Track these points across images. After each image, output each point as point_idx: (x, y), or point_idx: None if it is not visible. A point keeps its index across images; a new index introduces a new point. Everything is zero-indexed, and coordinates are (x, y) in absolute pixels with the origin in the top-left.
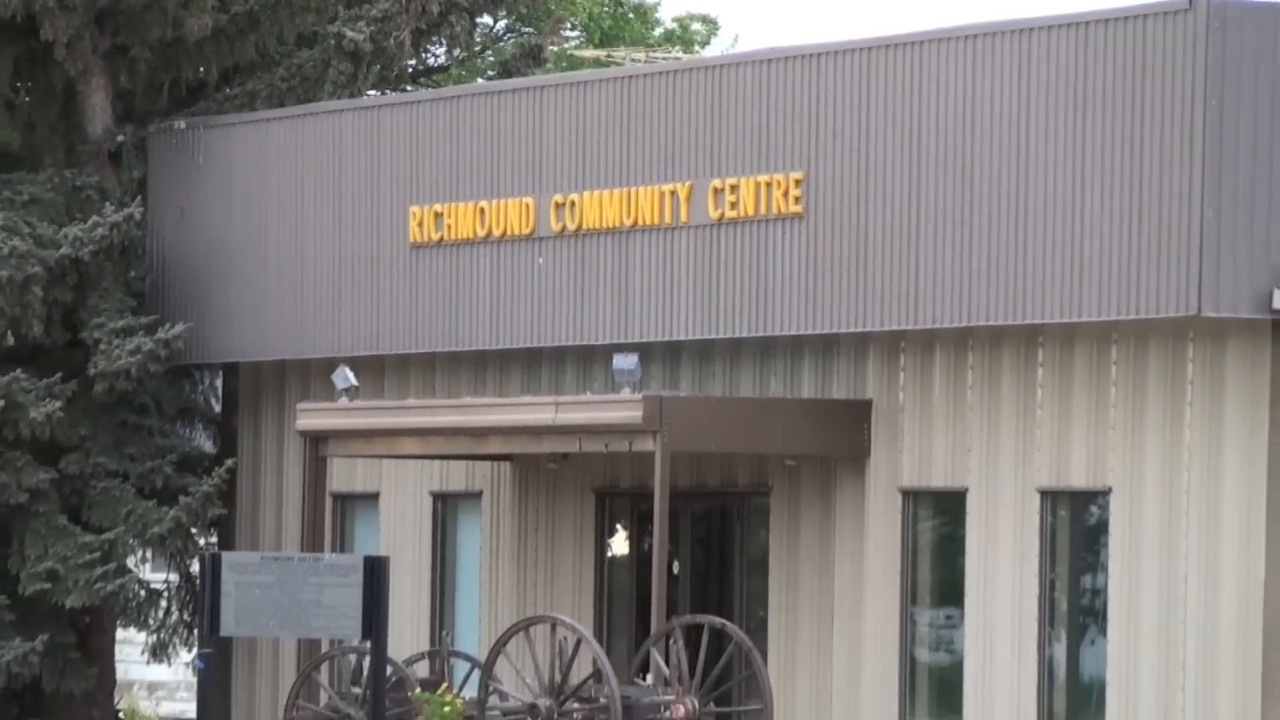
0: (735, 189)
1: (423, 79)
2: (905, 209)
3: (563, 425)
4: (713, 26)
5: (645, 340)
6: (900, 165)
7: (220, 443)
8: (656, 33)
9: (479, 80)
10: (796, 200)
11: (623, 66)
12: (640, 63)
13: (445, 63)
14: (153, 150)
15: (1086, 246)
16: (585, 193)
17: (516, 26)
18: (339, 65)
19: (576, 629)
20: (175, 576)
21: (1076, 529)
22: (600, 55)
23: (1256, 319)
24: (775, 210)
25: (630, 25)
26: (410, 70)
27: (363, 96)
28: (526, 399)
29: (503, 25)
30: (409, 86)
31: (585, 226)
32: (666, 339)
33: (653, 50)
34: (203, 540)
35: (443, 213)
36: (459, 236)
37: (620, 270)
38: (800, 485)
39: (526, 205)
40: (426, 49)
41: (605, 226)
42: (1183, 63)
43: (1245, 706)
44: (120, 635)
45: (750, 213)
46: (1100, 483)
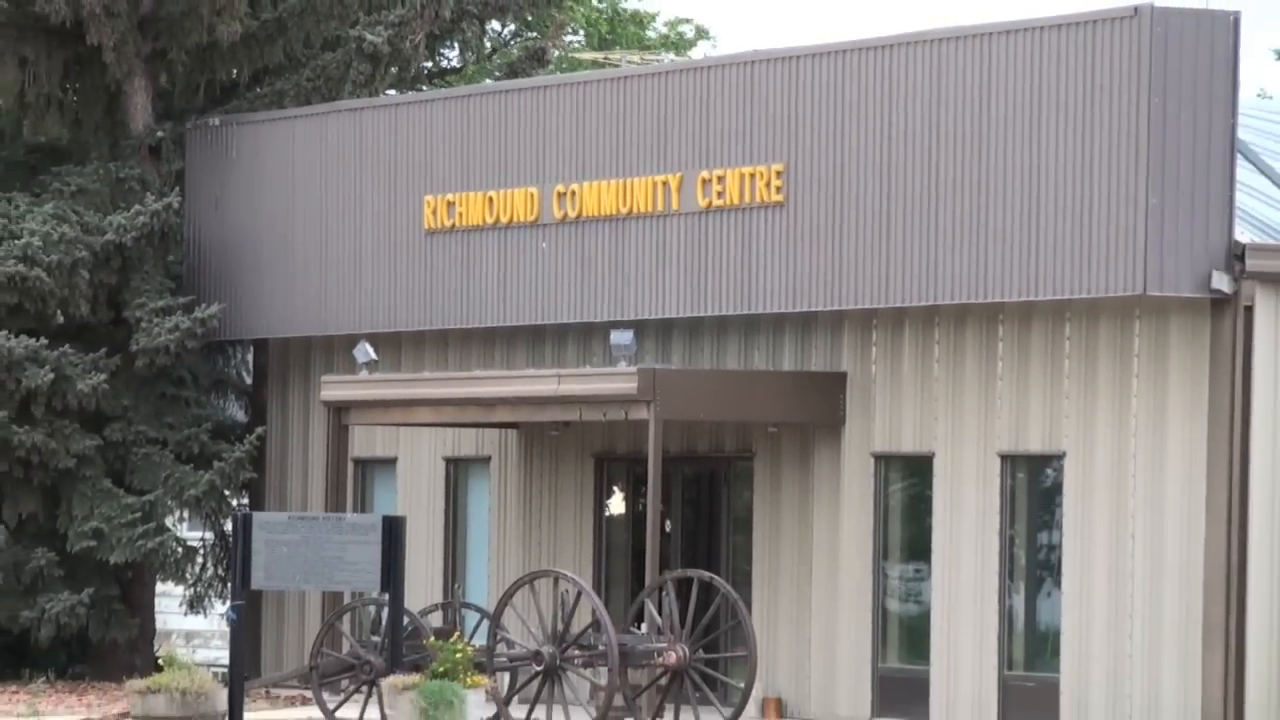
0: (722, 180)
1: (436, 79)
2: (877, 198)
3: (564, 396)
4: (702, 31)
5: (640, 318)
6: (872, 158)
7: (251, 412)
8: (651, 35)
9: (488, 81)
10: (778, 190)
11: (619, 68)
12: (635, 64)
13: (457, 64)
14: (190, 145)
15: (1042, 232)
16: (585, 183)
17: (522, 31)
18: (359, 67)
19: (577, 582)
20: (210, 535)
21: (1034, 490)
22: (599, 57)
23: (1197, 298)
24: (758, 199)
25: (627, 29)
26: (425, 71)
27: (381, 95)
28: (531, 372)
29: (510, 30)
30: (424, 86)
31: (585, 214)
32: (659, 317)
33: (647, 53)
34: (235, 501)
35: (455, 201)
36: (470, 223)
37: (617, 254)
38: (781, 450)
39: (531, 195)
40: (440, 52)
41: (603, 214)
42: (1129, 65)
43: (1187, 652)
44: (160, 589)
45: (735, 201)
46: (1055, 448)
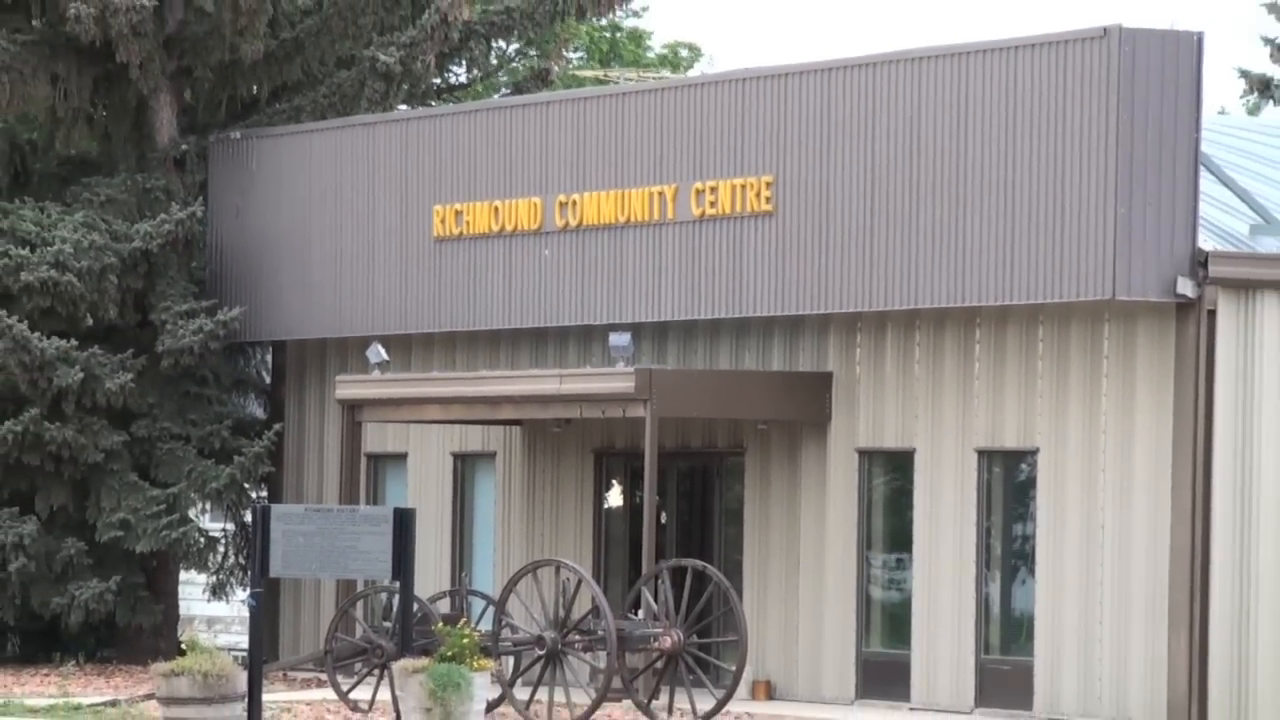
0: (714, 190)
1: (445, 96)
2: (861, 208)
3: (566, 394)
4: (696, 51)
5: (637, 321)
6: (857, 170)
7: (270, 410)
8: (649, 55)
9: (494, 96)
10: (767, 200)
11: (618, 85)
12: (633, 81)
13: (465, 81)
14: (212, 157)
15: (1017, 240)
16: (585, 194)
17: (526, 50)
18: (373, 84)
19: (578, 571)
20: (231, 526)
21: (1009, 484)
22: (599, 75)
23: (1163, 302)
24: (749, 209)
25: (625, 48)
26: (434, 88)
27: (393, 111)
28: (534, 372)
29: (514, 49)
30: (433, 102)
31: (585, 223)
32: (655, 320)
33: (645, 70)
34: (254, 494)
35: (462, 211)
36: (476, 231)
37: (615, 261)
38: (771, 446)
39: (535, 205)
40: (449, 70)
41: (603, 223)
42: (1098, 83)
43: (1153, 635)
44: (183, 576)
45: (727, 211)
46: (1029, 444)
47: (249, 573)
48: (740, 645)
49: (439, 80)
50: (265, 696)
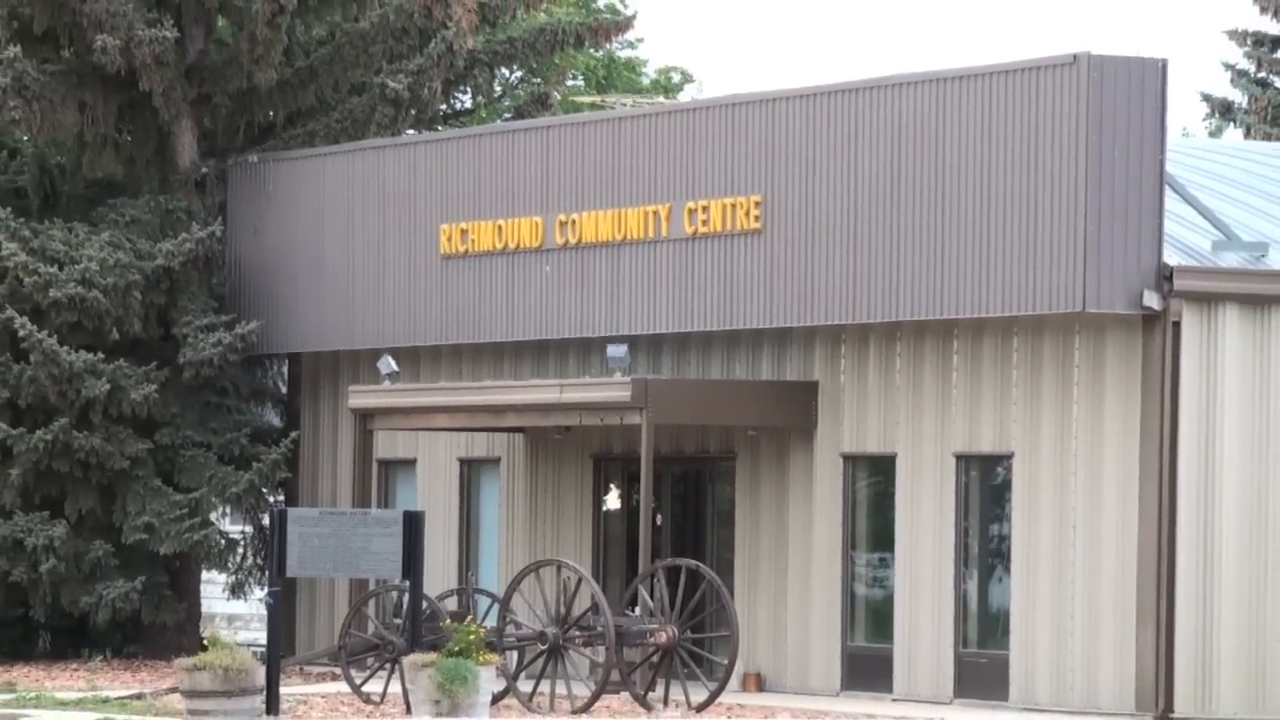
0: (706, 210)
1: (451, 121)
2: (845, 226)
3: (566, 403)
4: (688, 76)
5: (633, 333)
6: (841, 190)
7: (286, 418)
8: (644, 80)
9: (497, 121)
10: (756, 219)
11: (614, 110)
12: (629, 107)
13: (470, 107)
14: (231, 179)
15: (992, 255)
16: (584, 213)
17: (528, 77)
18: (382, 110)
19: (578, 570)
20: (249, 528)
21: (985, 486)
22: (596, 100)
23: (1130, 314)
24: (739, 227)
25: (621, 75)
26: (441, 113)
27: (402, 135)
28: (536, 381)
29: (517, 76)
30: (440, 127)
31: (584, 241)
32: (650, 332)
33: (639, 96)
34: (272, 498)
35: (467, 229)
36: (481, 249)
37: (613, 276)
38: (760, 451)
39: (536, 223)
40: (454, 96)
41: (600, 241)
42: (1068, 107)
43: (1122, 631)
44: (204, 576)
45: (718, 229)
46: (1004, 449)
47: (267, 572)
48: (732, 640)
49: (445, 106)
50: (282, 689)
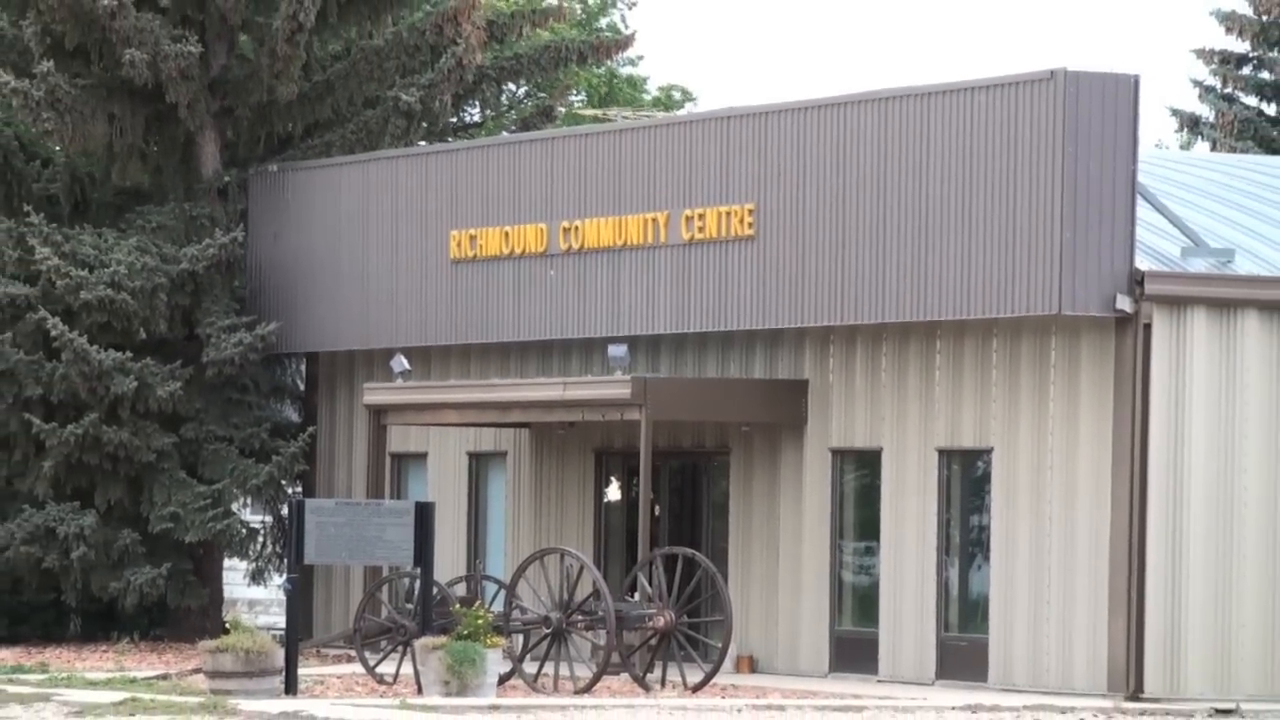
0: (702, 217)
1: (460, 132)
2: (834, 232)
3: (569, 400)
4: (688, 94)
5: (633, 334)
6: (830, 198)
7: (304, 414)
8: (645, 96)
9: (504, 133)
10: (750, 226)
11: (615, 123)
12: (629, 119)
13: (478, 120)
14: (252, 188)
15: (973, 261)
16: (586, 220)
17: (533, 92)
18: (395, 121)
19: (580, 558)
20: (269, 518)
21: (966, 479)
22: (598, 114)
23: (1104, 317)
24: (733, 233)
25: (622, 90)
26: (451, 125)
27: (414, 146)
28: (541, 380)
29: (523, 91)
30: (450, 138)
31: (586, 246)
32: (649, 333)
33: (639, 110)
34: (290, 490)
35: (476, 235)
36: (489, 254)
37: (613, 280)
38: (753, 446)
39: (541, 230)
40: (464, 109)
41: (602, 246)
42: (1046, 120)
43: (1095, 616)
44: (227, 563)
45: (714, 235)
46: (984, 444)
47: (285, 560)
48: (726, 624)
49: (455, 118)
50: (300, 670)
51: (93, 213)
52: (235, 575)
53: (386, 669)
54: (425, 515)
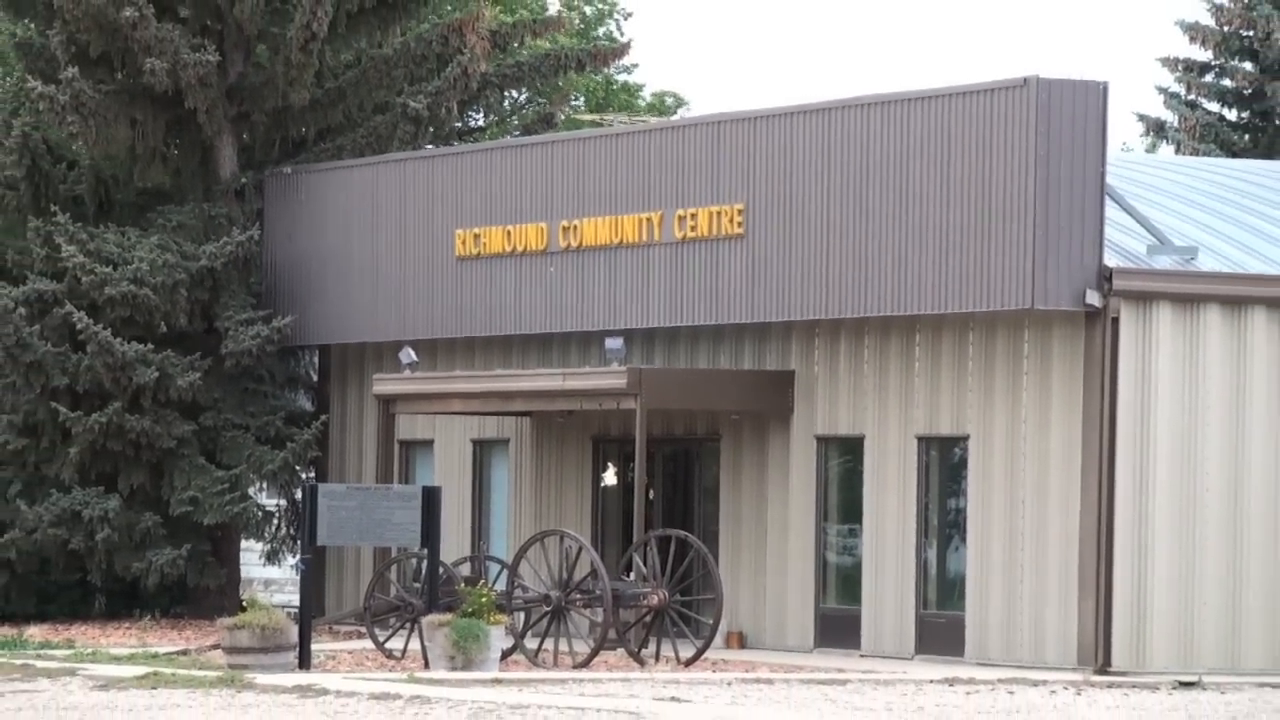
0: (694, 216)
1: (465, 136)
2: (819, 231)
3: (568, 390)
4: (680, 100)
5: (629, 327)
6: (815, 199)
7: (317, 403)
8: (640, 102)
9: (506, 137)
10: (739, 225)
11: (612, 127)
12: (625, 124)
13: (482, 125)
14: (267, 189)
15: (950, 258)
16: (584, 219)
17: (534, 98)
18: (404, 126)
19: (578, 540)
20: (284, 501)
21: (944, 465)
22: (595, 119)
23: (1074, 311)
24: (724, 232)
25: (618, 96)
26: (456, 130)
27: (421, 149)
28: (541, 371)
29: (524, 97)
30: (455, 142)
31: (584, 244)
32: (644, 327)
33: (634, 115)
34: (304, 475)
35: (480, 234)
36: (492, 251)
37: (610, 276)
38: (742, 433)
39: (541, 229)
40: (468, 114)
41: (599, 244)
42: (1019, 124)
43: (1066, 595)
44: (243, 545)
45: (705, 234)
46: (961, 431)
47: (299, 541)
48: (716, 602)
49: (460, 123)
50: (313, 646)
51: (116, 212)
52: (251, 556)
53: (395, 645)
54: (432, 499)
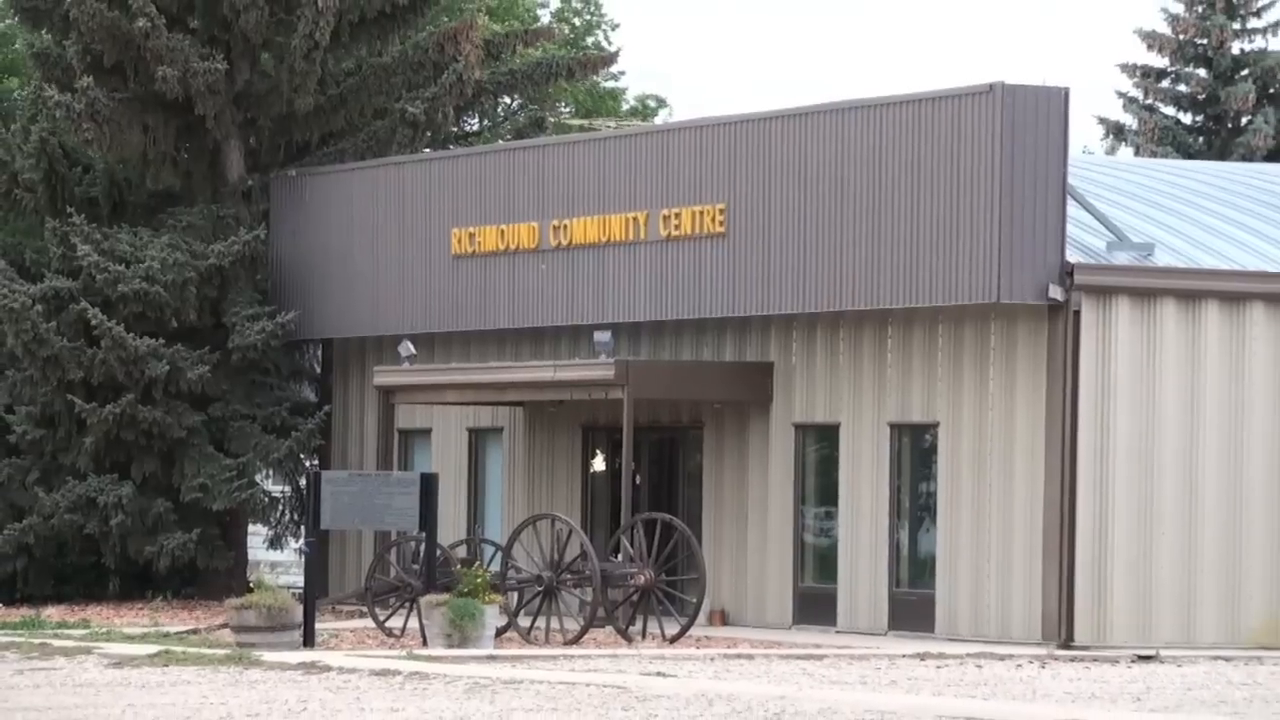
0: (678, 216)
1: (461, 140)
2: (796, 229)
3: (559, 381)
4: (661, 102)
5: (616, 321)
6: (793, 199)
7: (320, 394)
8: (625, 107)
9: (499, 141)
10: (721, 224)
11: (600, 131)
12: (612, 128)
13: (477, 129)
14: (273, 191)
15: (920, 255)
16: (574, 219)
17: (526, 104)
18: (402, 131)
19: (569, 523)
20: (289, 488)
21: (915, 451)
22: (583, 123)
23: (1038, 304)
24: (706, 231)
25: (604, 102)
26: (452, 134)
27: (419, 153)
28: (533, 363)
29: (517, 103)
30: (451, 146)
31: (574, 243)
32: (631, 321)
33: (620, 120)
34: (308, 462)
35: (475, 233)
36: (486, 250)
37: (599, 273)
38: (724, 422)
39: (533, 228)
40: (464, 119)
41: (588, 242)
42: (986, 128)
43: (1030, 574)
44: (250, 529)
45: (689, 232)
46: (931, 418)
47: (304, 525)
48: (700, 582)
49: (456, 128)
50: (317, 625)
51: (129, 213)
52: (258, 540)
53: (395, 623)
54: (429, 485)
